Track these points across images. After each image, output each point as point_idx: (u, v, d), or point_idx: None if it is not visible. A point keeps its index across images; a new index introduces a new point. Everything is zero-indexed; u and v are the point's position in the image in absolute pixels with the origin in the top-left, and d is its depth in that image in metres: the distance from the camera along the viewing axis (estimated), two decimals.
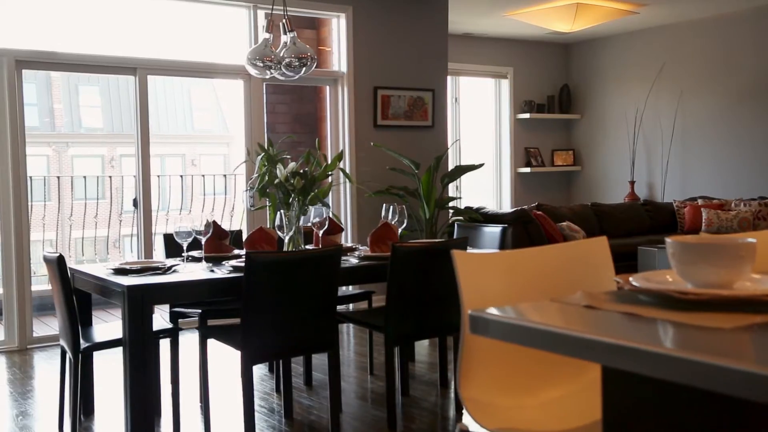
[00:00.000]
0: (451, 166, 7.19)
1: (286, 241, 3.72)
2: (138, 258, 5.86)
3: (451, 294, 3.67)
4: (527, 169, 9.32)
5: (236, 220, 8.05)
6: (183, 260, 3.77)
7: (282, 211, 3.74)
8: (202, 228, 3.76)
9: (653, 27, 8.70)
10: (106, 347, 3.41)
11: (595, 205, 7.65)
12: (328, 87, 6.57)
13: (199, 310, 3.95)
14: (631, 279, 1.44)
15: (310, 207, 3.87)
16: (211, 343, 3.64)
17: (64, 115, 20.32)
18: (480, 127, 9.41)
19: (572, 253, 1.79)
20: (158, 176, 7.94)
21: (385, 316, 3.47)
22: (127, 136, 19.44)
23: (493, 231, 4.41)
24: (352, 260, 3.74)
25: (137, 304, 3.10)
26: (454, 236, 4.73)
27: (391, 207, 4.05)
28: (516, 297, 1.65)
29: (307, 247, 4.02)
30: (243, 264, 3.42)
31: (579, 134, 9.68)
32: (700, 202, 7.73)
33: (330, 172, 3.88)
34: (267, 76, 3.96)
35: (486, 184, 9.40)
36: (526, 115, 9.26)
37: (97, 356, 3.83)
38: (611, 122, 9.28)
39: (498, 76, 9.30)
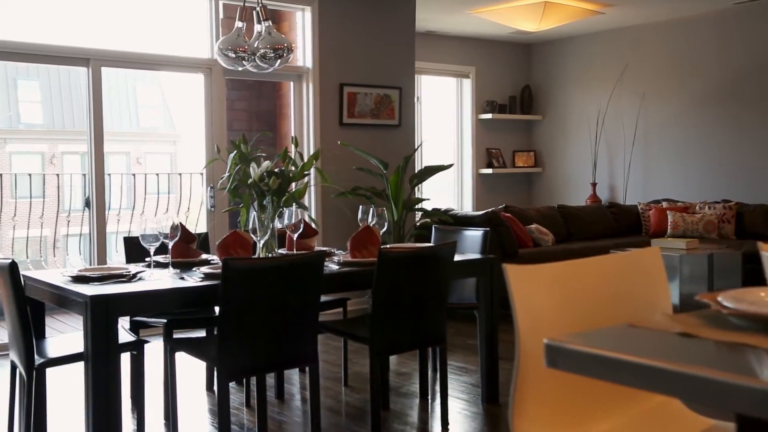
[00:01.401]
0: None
1: (261, 245, 3.46)
2: (90, 261, 5.50)
3: (437, 302, 3.47)
4: (489, 170, 9.18)
5: (191, 221, 7.69)
6: (148, 266, 3.47)
7: (255, 213, 3.48)
8: (168, 231, 3.47)
9: (616, 28, 8.65)
10: (63, 363, 3.09)
11: (561, 207, 7.54)
12: (291, 83, 6.30)
13: (164, 320, 3.65)
14: (720, 299, 1.24)
15: (285, 209, 3.61)
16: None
17: (1, 110, 19.50)
18: (441, 127, 9.23)
19: (624, 263, 1.60)
20: (109, 174, 7.54)
21: (371, 327, 3.23)
22: (68, 133, 18.73)
23: (474, 234, 4.22)
24: (332, 266, 3.49)
25: (101, 316, 2.80)
26: (432, 240, 4.52)
27: (371, 209, 3.82)
28: (572, 315, 1.44)
29: (280, 251, 3.76)
30: (216, 271, 3.16)
31: (540, 135, 9.59)
32: (664, 204, 7.70)
33: (307, 172, 3.63)
34: (240, 68, 3.68)
35: (447, 185, 9.22)
36: (488, 116, 9.12)
37: (50, 370, 3.50)
38: (573, 124, 9.21)
39: (460, 75, 9.15)
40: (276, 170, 3.41)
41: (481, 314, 3.88)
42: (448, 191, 9.22)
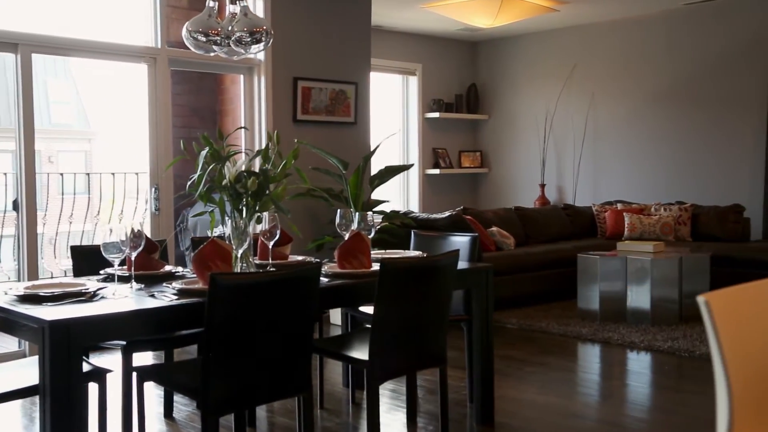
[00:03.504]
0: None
1: (239, 256, 3.03)
2: (19, 267, 4.91)
3: (440, 318, 3.12)
4: (436, 171, 8.91)
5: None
6: (105, 280, 2.99)
7: (230, 219, 3.05)
8: (126, 239, 2.99)
9: (563, 27, 8.51)
10: (9, 399, 2.59)
11: (518, 209, 7.32)
12: (242, 76, 5.83)
13: (123, 342, 3.17)
14: None
15: (263, 213, 3.19)
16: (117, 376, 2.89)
17: None
18: (387, 126, 8.89)
19: None
20: (42, 173, 6.87)
21: (371, 348, 2.86)
22: None
23: (461, 241, 3.89)
24: (321, 279, 3.09)
25: (62, 345, 2.32)
26: (411, 247, 4.17)
27: (356, 213, 3.44)
28: None
29: (255, 261, 3.33)
30: (192, 287, 2.73)
31: (486, 135, 9.38)
32: (619, 206, 7.58)
33: (289, 172, 3.22)
34: (211, 54, 3.24)
35: (392, 187, 8.88)
36: (435, 115, 8.84)
37: None
38: (520, 123, 9.03)
39: (406, 72, 8.84)
40: (263, 168, 2.99)
41: (475, 327, 3.55)
42: (393, 192, 8.89)
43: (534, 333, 5.52)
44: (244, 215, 3.10)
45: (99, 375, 2.74)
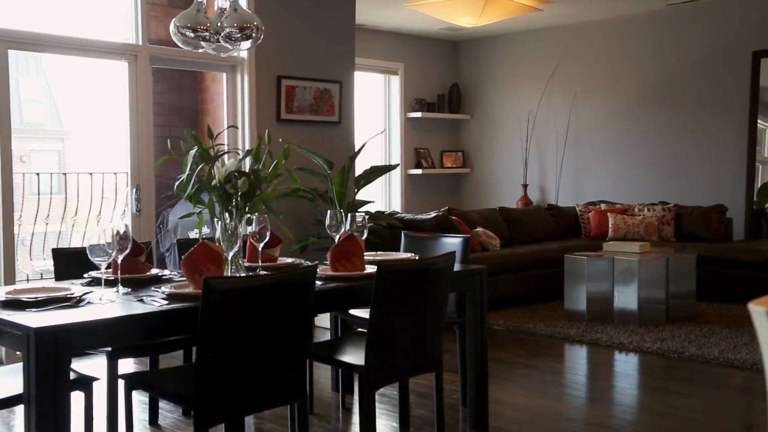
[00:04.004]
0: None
1: (229, 258, 2.93)
2: None
3: (436, 321, 3.05)
4: (418, 171, 8.84)
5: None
6: (90, 284, 2.88)
7: (219, 220, 2.96)
8: (111, 241, 2.88)
9: (546, 27, 8.49)
10: None
11: (503, 209, 7.28)
12: (225, 74, 5.72)
13: (108, 348, 3.06)
14: None
15: (253, 215, 3.10)
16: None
17: None
18: (368, 125, 8.81)
19: None
20: (17, 173, 6.69)
21: (367, 352, 2.78)
22: None
23: (453, 242, 3.82)
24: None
25: (49, 353, 2.22)
26: (401, 248, 4.09)
27: (349, 215, 3.36)
28: None
29: (245, 264, 3.24)
30: (182, 291, 2.63)
31: (468, 135, 9.34)
32: (602, 206, 7.57)
33: (280, 172, 3.13)
34: (200, 50, 3.14)
35: (374, 186, 8.78)
36: (417, 114, 8.78)
37: None
38: (502, 123, 8.99)
39: (388, 72, 8.76)
40: (254, 169, 2.90)
41: (469, 330, 3.49)
42: (376, 193, 8.80)
43: (521, 335, 5.47)
44: (234, 217, 3.01)
45: (85, 383, 2.64)
